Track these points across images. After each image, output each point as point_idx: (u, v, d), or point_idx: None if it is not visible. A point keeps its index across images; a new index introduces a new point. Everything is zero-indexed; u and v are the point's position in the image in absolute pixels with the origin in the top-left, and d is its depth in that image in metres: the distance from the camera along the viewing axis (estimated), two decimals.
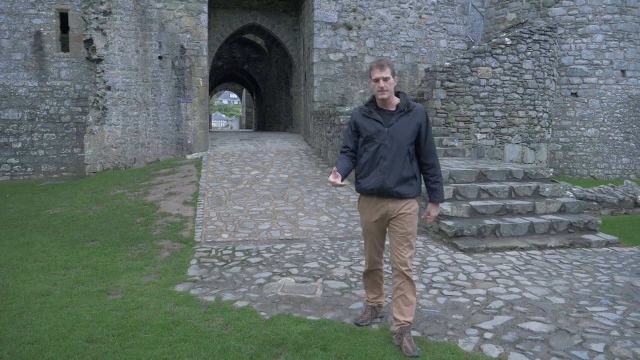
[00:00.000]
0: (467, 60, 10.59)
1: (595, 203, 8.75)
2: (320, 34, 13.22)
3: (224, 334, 3.57)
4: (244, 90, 34.73)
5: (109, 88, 11.72)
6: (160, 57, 11.97)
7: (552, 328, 3.70)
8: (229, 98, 76.73)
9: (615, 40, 13.49)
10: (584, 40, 13.47)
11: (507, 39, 10.85)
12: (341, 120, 10.16)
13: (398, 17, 13.74)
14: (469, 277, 4.95)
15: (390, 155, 3.43)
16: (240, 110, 55.25)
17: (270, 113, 22.38)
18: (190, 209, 7.77)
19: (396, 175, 3.43)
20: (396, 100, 3.53)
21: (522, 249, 6.05)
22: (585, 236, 6.48)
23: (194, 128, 12.37)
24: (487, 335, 3.60)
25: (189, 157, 11.87)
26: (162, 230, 6.80)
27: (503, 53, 10.78)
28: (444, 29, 14.09)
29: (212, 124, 47.06)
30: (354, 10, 13.38)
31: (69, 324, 3.75)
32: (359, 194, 3.67)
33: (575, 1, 13.35)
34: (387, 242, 4.71)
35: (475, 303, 4.22)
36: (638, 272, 5.19)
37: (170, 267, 5.29)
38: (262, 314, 3.99)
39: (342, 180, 3.33)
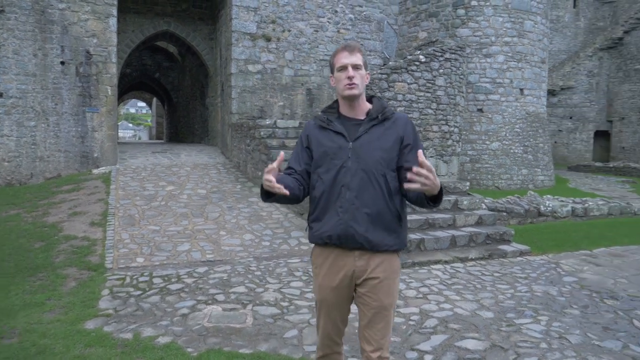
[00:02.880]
0: (384, 76, 10.85)
1: (505, 213, 9.30)
2: (238, 44, 12.90)
3: None
4: (154, 99, 33.12)
5: (0, 95, 10.47)
6: (62, 63, 10.92)
7: (487, 345, 3.75)
8: (137, 107, 72.90)
9: (514, 61, 14.63)
10: (488, 60, 14.45)
11: (421, 57, 11.29)
12: (262, 133, 9.91)
13: (317, 31, 13.82)
14: (400, 294, 4.93)
15: (356, 183, 2.31)
16: (149, 120, 52.66)
17: (183, 124, 21.46)
18: (98, 230, 7.06)
19: (367, 213, 2.30)
20: (367, 106, 2.45)
21: (446, 262, 6.20)
22: (501, 247, 6.82)
23: (101, 140, 11.42)
24: (427, 357, 3.55)
25: (95, 171, 10.91)
26: (67, 256, 6.08)
27: (418, 70, 11.19)
28: (362, 45, 14.41)
29: (119, 134, 44.38)
30: (273, 22, 13.24)
31: None
32: (312, 245, 2.50)
33: (480, 24, 14.31)
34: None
35: (411, 323, 4.19)
36: (551, 281, 5.51)
37: (78, 300, 4.69)
38: (189, 350, 3.62)
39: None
